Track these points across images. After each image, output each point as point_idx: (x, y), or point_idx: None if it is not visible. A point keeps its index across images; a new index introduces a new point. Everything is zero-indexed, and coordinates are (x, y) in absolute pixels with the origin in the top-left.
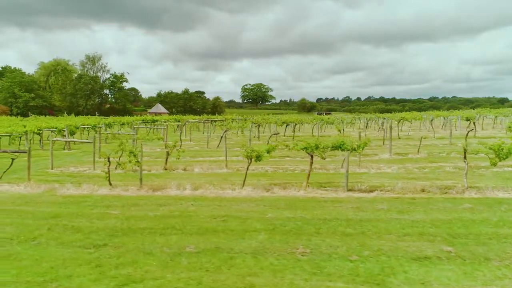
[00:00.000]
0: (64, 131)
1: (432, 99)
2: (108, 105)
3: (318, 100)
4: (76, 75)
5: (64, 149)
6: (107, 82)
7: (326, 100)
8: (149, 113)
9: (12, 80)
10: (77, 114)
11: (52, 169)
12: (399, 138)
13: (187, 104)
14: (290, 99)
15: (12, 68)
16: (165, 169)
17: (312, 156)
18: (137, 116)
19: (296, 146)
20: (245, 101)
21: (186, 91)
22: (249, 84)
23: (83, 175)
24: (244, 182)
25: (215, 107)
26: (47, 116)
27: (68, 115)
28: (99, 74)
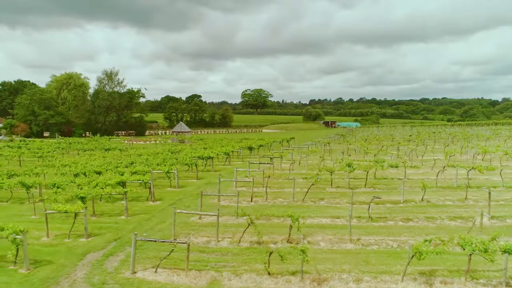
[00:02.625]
0: (150, 183)
1: (423, 100)
2: (123, 120)
3: (311, 101)
4: (91, 89)
5: (147, 200)
6: (124, 97)
7: (319, 101)
8: (173, 132)
9: (32, 97)
10: (96, 131)
11: (174, 239)
12: (468, 186)
13: (197, 116)
14: (283, 100)
15: (25, 80)
16: (289, 242)
17: (471, 255)
18: (152, 134)
19: (461, 242)
20: (239, 103)
21: (196, 102)
22: (249, 89)
23: (214, 250)
24: (403, 276)
25: (224, 117)
26: (70, 137)
27: (94, 135)
28: (115, 89)
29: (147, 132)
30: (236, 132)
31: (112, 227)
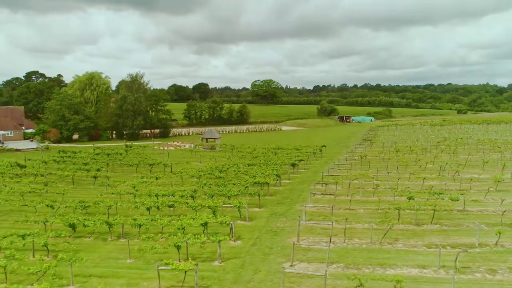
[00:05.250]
0: (231, 224)
1: (428, 86)
2: (149, 122)
3: (315, 87)
4: (113, 86)
5: (229, 239)
6: (150, 100)
7: (323, 87)
8: (203, 138)
9: (61, 102)
10: (122, 135)
11: None
12: None
13: (215, 113)
14: (287, 86)
15: (48, 81)
16: None
17: None
18: (176, 135)
19: None
20: (242, 89)
21: (214, 100)
22: (259, 80)
23: None
24: None
25: (242, 115)
26: (98, 140)
27: (126, 140)
28: (141, 91)
29: (171, 133)
30: (256, 130)
31: (213, 277)
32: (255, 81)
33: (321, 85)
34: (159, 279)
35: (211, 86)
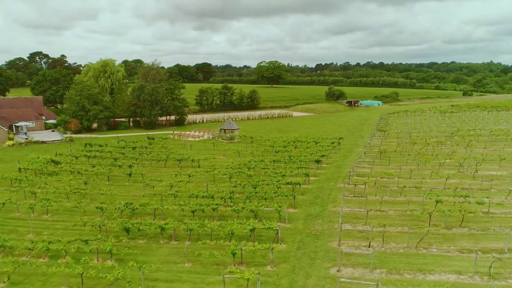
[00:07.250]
0: (277, 229)
1: (431, 64)
2: (166, 111)
3: (318, 65)
4: (124, 78)
5: (273, 242)
6: (166, 90)
7: (326, 66)
8: (221, 129)
9: (81, 93)
10: (139, 123)
11: None
12: None
13: (226, 99)
14: (288, 64)
15: (63, 69)
16: None
17: None
18: (191, 123)
19: None
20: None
21: (225, 85)
22: (264, 61)
23: None
24: None
25: (252, 100)
26: (116, 129)
27: (144, 129)
28: (156, 80)
29: (186, 121)
30: (268, 117)
31: (269, 282)
32: (261, 62)
33: (323, 63)
34: (224, 286)
35: (212, 64)
